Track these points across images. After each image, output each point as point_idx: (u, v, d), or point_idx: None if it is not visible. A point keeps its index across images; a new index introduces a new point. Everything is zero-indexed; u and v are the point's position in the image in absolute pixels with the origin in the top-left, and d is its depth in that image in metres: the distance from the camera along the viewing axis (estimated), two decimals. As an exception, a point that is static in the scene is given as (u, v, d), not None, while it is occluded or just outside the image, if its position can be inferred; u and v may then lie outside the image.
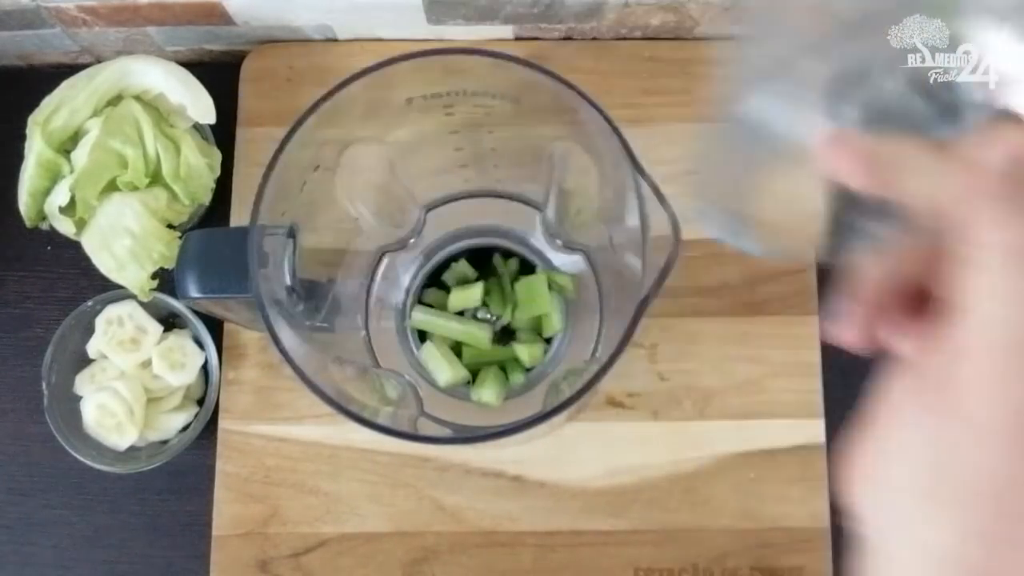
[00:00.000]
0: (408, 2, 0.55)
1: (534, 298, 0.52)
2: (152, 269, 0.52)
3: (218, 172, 0.56)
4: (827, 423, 0.54)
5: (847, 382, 0.56)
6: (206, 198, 0.56)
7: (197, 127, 0.56)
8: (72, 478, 0.56)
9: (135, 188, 0.53)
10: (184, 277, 0.40)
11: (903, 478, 0.25)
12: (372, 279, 0.54)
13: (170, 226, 0.54)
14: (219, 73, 0.58)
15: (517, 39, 0.60)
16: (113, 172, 0.52)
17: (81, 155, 0.52)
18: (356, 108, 0.41)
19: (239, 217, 0.57)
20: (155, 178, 0.54)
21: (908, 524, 0.25)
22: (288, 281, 0.41)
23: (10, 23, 0.57)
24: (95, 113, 0.54)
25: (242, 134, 0.59)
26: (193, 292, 0.40)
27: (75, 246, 0.53)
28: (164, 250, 0.52)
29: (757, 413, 0.54)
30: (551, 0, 0.55)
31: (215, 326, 0.56)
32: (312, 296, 0.48)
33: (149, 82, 0.55)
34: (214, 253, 0.40)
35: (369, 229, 0.52)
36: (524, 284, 0.53)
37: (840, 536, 0.54)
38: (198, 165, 0.54)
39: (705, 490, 0.54)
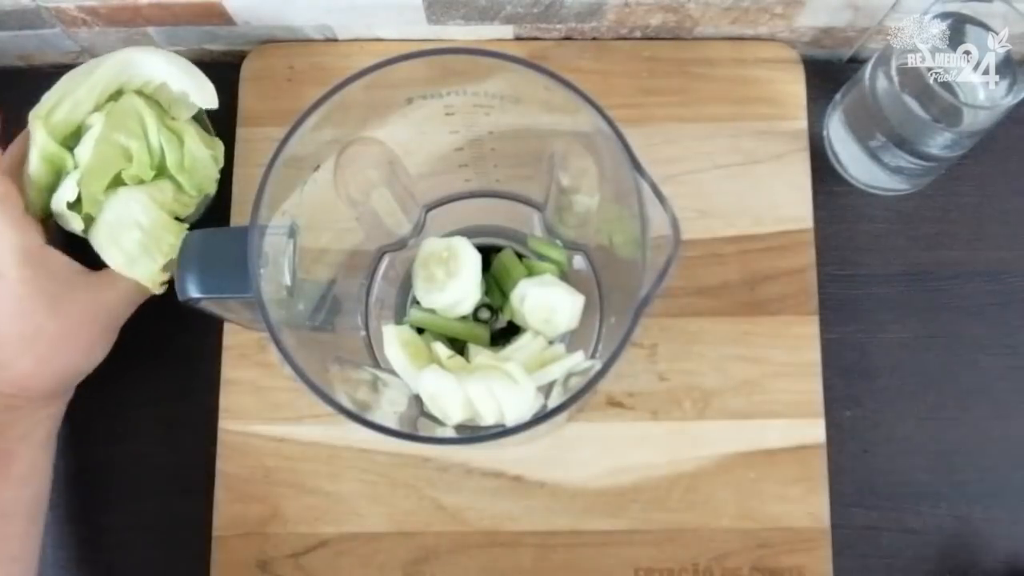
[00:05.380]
0: (408, 2, 0.55)
1: (508, 271, 0.52)
2: (163, 261, 0.52)
3: (222, 163, 0.56)
4: (827, 423, 0.54)
5: (847, 382, 0.56)
6: (211, 188, 0.56)
7: (198, 119, 0.56)
8: (72, 478, 0.56)
9: (141, 181, 0.53)
10: (184, 277, 0.40)
11: None
12: (372, 279, 0.54)
13: (177, 218, 0.54)
14: (219, 73, 0.58)
15: (517, 39, 0.60)
16: (118, 166, 0.52)
17: (85, 150, 0.52)
18: (356, 108, 0.41)
19: (239, 217, 0.57)
20: (160, 171, 0.54)
21: None
22: (288, 281, 0.41)
23: (10, 23, 0.57)
24: (96, 108, 0.53)
25: (242, 134, 0.59)
26: (193, 292, 0.40)
27: (81, 243, 0.53)
28: (174, 241, 0.52)
29: (757, 413, 0.54)
30: (551, 0, 0.55)
31: (215, 325, 0.56)
32: (312, 296, 0.48)
33: (150, 72, 0.54)
34: (214, 253, 0.40)
35: (369, 229, 0.52)
36: (497, 263, 0.53)
37: (840, 536, 0.54)
38: (202, 156, 0.54)
39: (705, 490, 0.54)
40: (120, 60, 0.54)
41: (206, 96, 0.55)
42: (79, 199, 0.52)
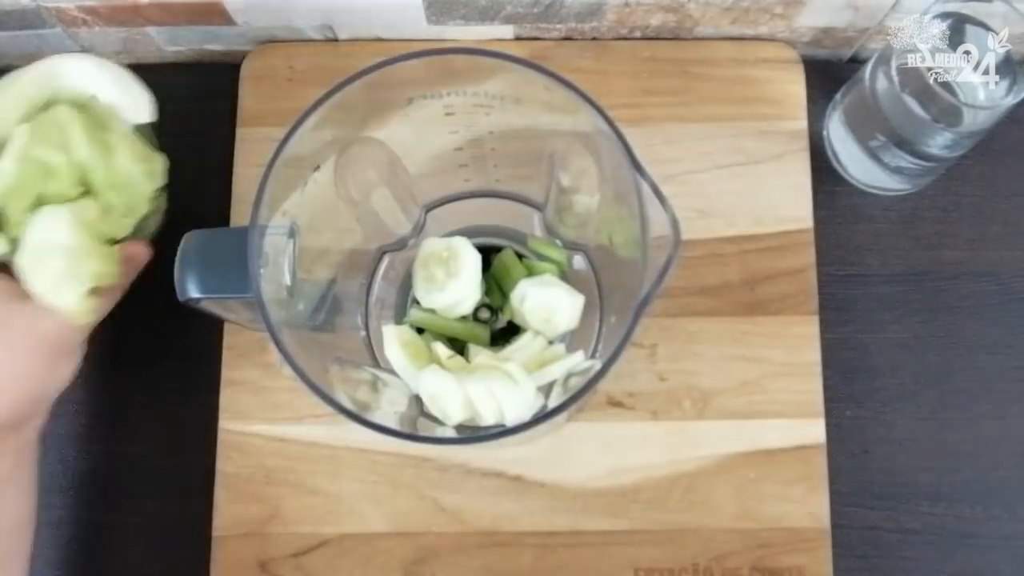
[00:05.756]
0: (408, 2, 0.55)
1: (508, 271, 0.52)
2: (85, 288, 0.46)
3: (162, 179, 0.52)
4: (827, 423, 0.54)
5: (847, 382, 0.56)
6: (144, 208, 0.51)
7: (141, 130, 0.52)
8: (72, 478, 0.56)
9: (67, 199, 0.48)
10: (184, 277, 0.40)
11: None
12: (372, 279, 0.54)
13: (113, 240, 0.49)
14: (219, 73, 0.58)
15: (517, 39, 0.60)
16: (41, 183, 0.48)
17: (7, 166, 0.47)
18: (356, 108, 0.41)
19: (239, 217, 0.57)
20: (88, 188, 0.49)
21: None
22: (288, 281, 0.41)
23: (10, 23, 0.57)
24: (24, 119, 0.49)
25: (242, 134, 0.59)
26: (193, 292, 0.40)
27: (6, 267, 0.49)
28: (99, 268, 0.47)
29: (757, 413, 0.54)
30: (551, 0, 0.55)
31: (215, 325, 0.56)
32: (312, 296, 0.48)
33: (79, 81, 0.50)
34: (214, 253, 0.40)
35: (369, 229, 0.52)
36: (498, 263, 0.53)
37: (840, 536, 0.54)
38: (134, 173, 0.50)
39: (705, 490, 0.54)
40: (45, 70, 0.50)
41: (139, 110, 0.51)
42: (3, 219, 0.48)
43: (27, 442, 0.49)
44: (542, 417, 0.38)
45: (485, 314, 0.53)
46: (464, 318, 0.52)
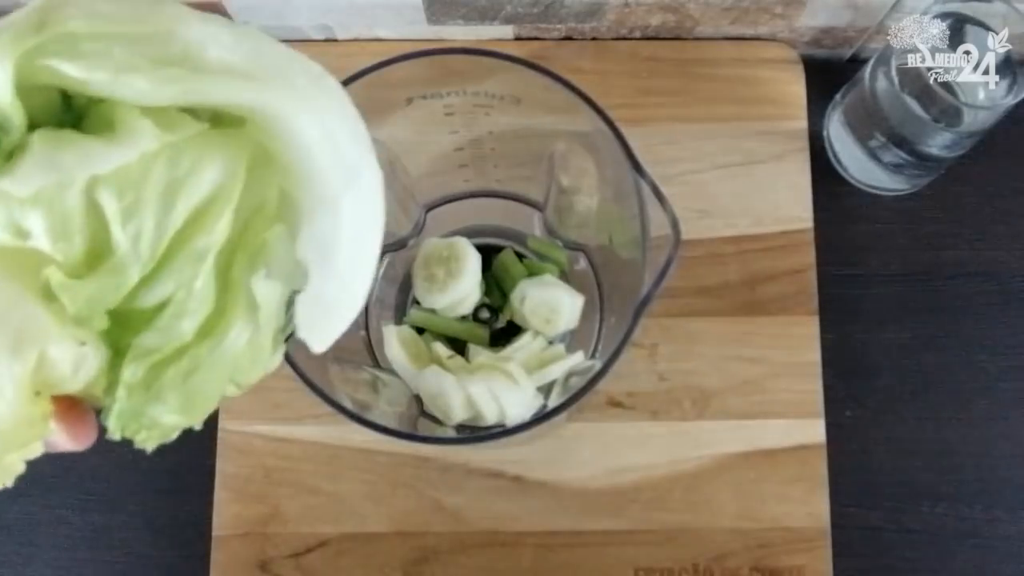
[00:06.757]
0: (408, 2, 0.55)
1: (508, 271, 0.52)
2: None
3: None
4: (827, 423, 0.54)
5: (847, 382, 0.56)
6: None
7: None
8: (72, 478, 0.56)
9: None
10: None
11: None
12: (372, 279, 0.54)
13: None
14: (219, 73, 0.57)
15: (517, 39, 0.60)
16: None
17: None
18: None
19: (239, 217, 0.57)
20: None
21: None
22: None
23: (10, 23, 0.57)
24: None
25: (242, 134, 0.59)
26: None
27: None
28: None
29: (757, 413, 0.54)
30: (551, 0, 0.55)
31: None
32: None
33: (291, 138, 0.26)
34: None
35: (369, 229, 0.51)
36: (498, 263, 0.53)
37: (840, 536, 0.54)
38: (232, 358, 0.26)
39: (705, 490, 0.54)
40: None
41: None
42: None
43: None
44: (542, 417, 0.38)
45: (485, 314, 0.53)
46: (464, 318, 0.52)
